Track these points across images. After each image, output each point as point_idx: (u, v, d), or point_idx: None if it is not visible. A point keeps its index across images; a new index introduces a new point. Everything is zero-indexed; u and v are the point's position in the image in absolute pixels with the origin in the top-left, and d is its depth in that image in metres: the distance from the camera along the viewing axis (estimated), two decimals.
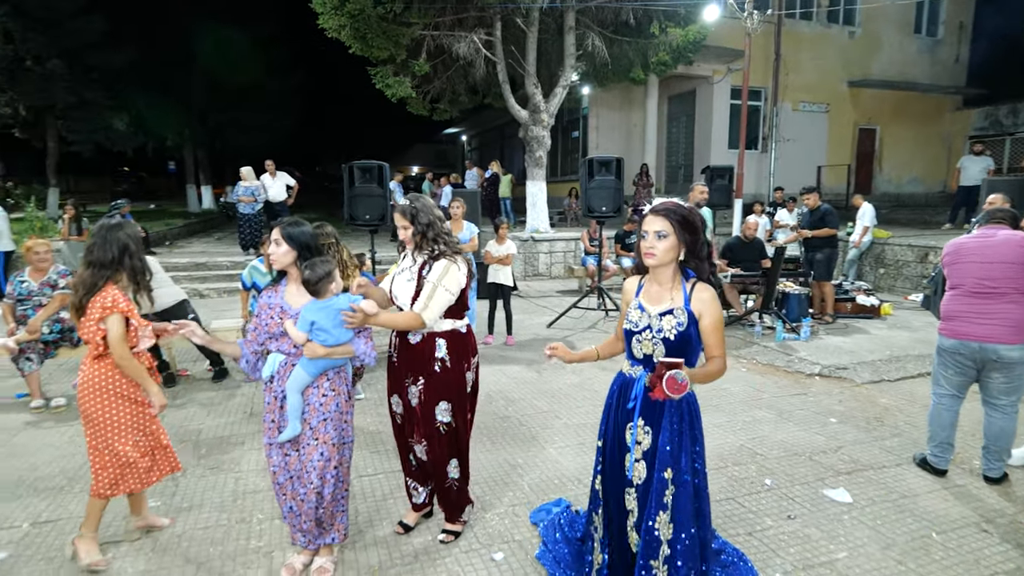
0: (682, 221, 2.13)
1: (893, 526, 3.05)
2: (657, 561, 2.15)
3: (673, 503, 2.16)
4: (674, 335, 2.14)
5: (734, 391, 5.17)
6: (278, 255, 2.55)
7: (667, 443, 2.18)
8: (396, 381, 2.89)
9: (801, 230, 7.72)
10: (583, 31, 11.81)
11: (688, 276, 2.22)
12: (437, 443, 2.81)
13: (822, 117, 17.48)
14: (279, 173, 12.35)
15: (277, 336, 2.56)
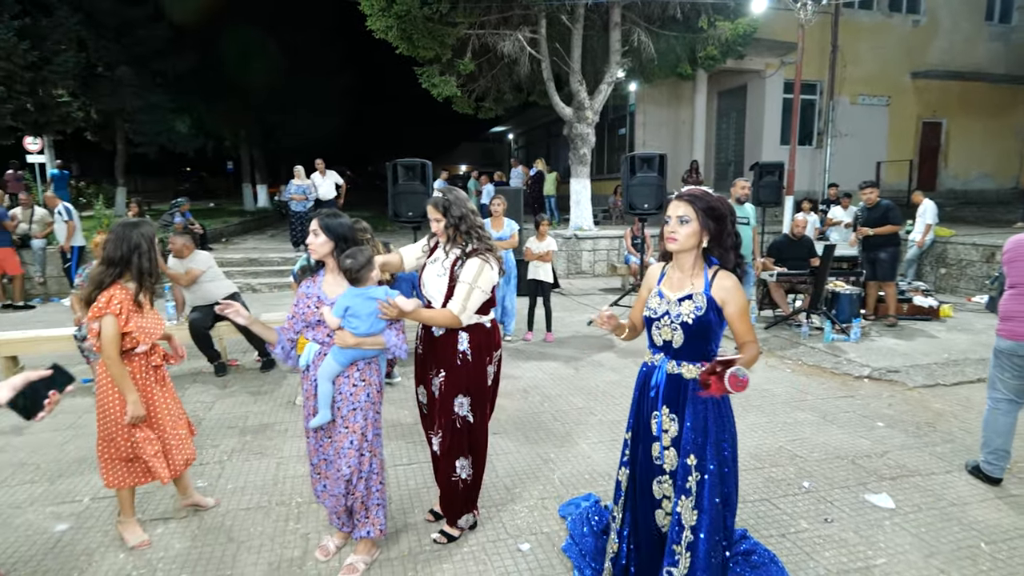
0: (707, 209, 2.12)
1: (938, 534, 2.92)
2: (680, 547, 2.15)
3: (697, 489, 2.14)
4: (692, 319, 2.13)
5: (777, 392, 5.04)
6: (316, 245, 2.63)
7: (691, 430, 2.17)
8: (422, 372, 2.93)
9: (862, 228, 7.21)
10: (629, 27, 11.70)
11: (711, 264, 2.20)
12: (450, 436, 2.80)
13: (882, 110, 16.77)
14: (328, 172, 12.68)
15: (313, 325, 2.62)
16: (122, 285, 2.76)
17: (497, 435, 4.21)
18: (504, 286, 6.75)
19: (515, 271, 6.87)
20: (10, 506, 3.31)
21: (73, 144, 24.84)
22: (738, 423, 4.24)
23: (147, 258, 2.78)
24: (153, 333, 2.88)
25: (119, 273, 2.75)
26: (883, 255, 7.11)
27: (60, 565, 2.77)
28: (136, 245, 2.76)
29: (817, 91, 16.47)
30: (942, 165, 17.54)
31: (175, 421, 3.02)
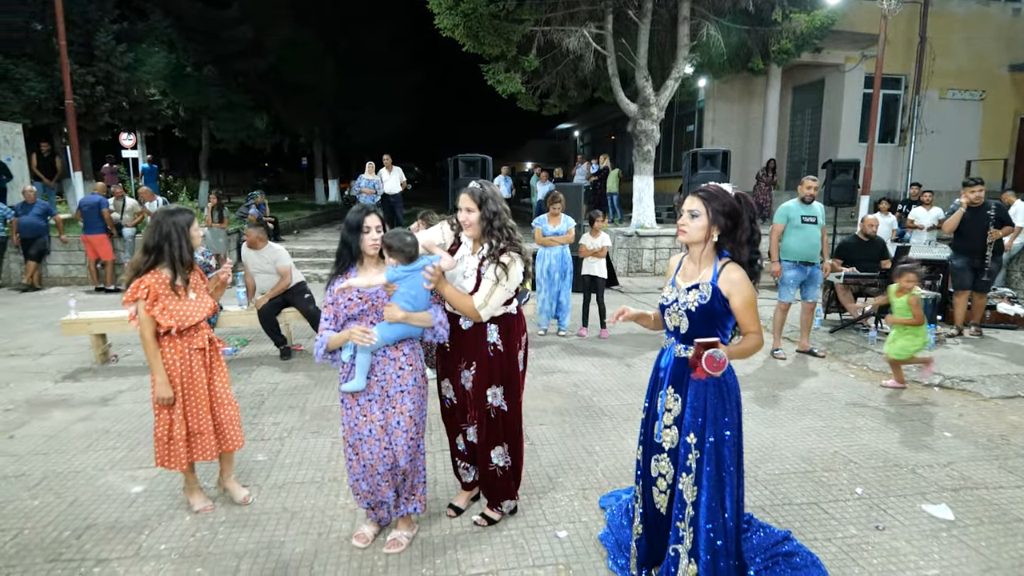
0: (717, 205, 2.21)
1: (1000, 549, 2.77)
2: (683, 523, 2.23)
3: (696, 467, 2.22)
4: (695, 307, 2.21)
5: (837, 396, 4.86)
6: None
7: (690, 409, 2.25)
8: (448, 366, 2.93)
9: (995, 230, 6.31)
10: (698, 20, 11.43)
11: (723, 255, 2.25)
12: (485, 427, 2.86)
13: (975, 106, 15.70)
14: (395, 168, 13.06)
15: (356, 317, 2.65)
16: (157, 271, 2.86)
17: (544, 426, 4.28)
18: (560, 281, 6.79)
19: (571, 267, 6.89)
20: (94, 468, 3.64)
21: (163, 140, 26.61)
22: (792, 426, 4.19)
23: (177, 246, 2.85)
24: (188, 317, 2.92)
25: (154, 260, 2.86)
26: (994, 264, 6.45)
27: (135, 523, 3.03)
28: (167, 234, 2.83)
29: (902, 85, 15.61)
30: None
31: (221, 406, 3.08)
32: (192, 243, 2.93)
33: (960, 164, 15.22)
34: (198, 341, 2.99)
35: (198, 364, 2.99)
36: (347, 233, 2.66)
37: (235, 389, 5.02)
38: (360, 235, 2.64)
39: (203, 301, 3.03)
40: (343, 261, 2.69)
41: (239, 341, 6.46)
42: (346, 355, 2.68)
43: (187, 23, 16.74)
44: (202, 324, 3.04)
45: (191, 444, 3.01)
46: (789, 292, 6.01)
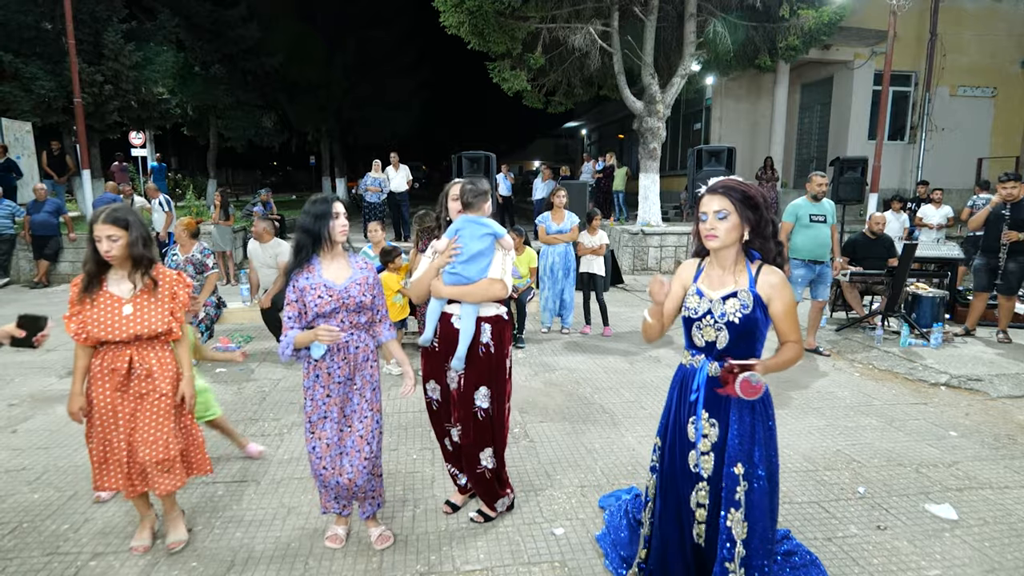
0: (743, 198, 2.01)
1: (1004, 549, 2.73)
2: (733, 564, 2.03)
3: (746, 500, 2.02)
4: (739, 318, 2.01)
5: (841, 396, 4.81)
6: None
7: (736, 436, 2.05)
8: (435, 366, 2.89)
9: (1009, 232, 6.01)
10: (705, 17, 11.37)
11: (753, 258, 2.09)
12: (472, 429, 2.82)
13: (986, 103, 15.51)
14: (401, 166, 13.08)
15: (327, 315, 2.57)
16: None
17: (544, 423, 4.26)
18: (563, 279, 6.76)
19: (575, 264, 6.86)
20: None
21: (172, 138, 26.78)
22: (795, 425, 4.15)
23: (90, 249, 2.51)
24: (102, 330, 2.49)
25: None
26: (1013, 265, 6.05)
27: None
28: (88, 239, 2.55)
29: (912, 82, 15.44)
30: None
31: (143, 444, 2.58)
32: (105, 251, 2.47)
33: (971, 162, 15.05)
34: (117, 361, 2.54)
35: (111, 387, 2.55)
36: (313, 222, 2.56)
37: (236, 387, 5.04)
38: (329, 221, 2.57)
39: (140, 317, 2.54)
40: (305, 252, 2.59)
41: (243, 338, 6.48)
42: (317, 353, 2.58)
43: (195, 22, 16.82)
44: (133, 343, 2.56)
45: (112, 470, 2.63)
46: (797, 291, 5.95)
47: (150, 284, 2.57)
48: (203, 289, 5.45)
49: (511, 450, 3.77)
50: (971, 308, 6.48)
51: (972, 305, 6.46)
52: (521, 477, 3.44)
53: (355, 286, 2.65)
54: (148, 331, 2.54)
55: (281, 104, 20.98)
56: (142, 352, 2.58)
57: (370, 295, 2.69)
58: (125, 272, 2.56)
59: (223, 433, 3.67)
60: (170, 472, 2.64)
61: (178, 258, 5.64)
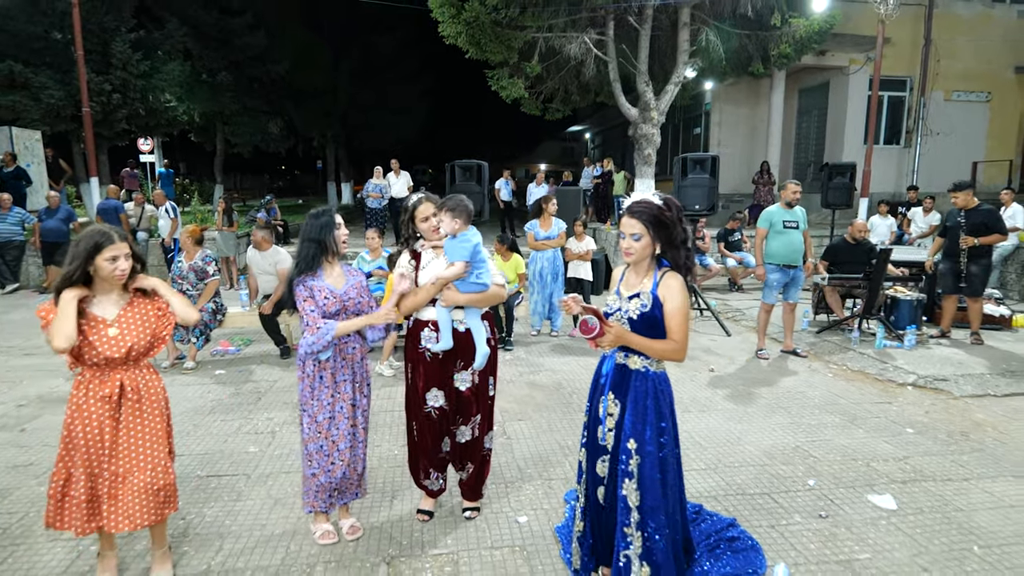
0: (654, 221, 2.29)
1: (932, 536, 2.93)
2: (631, 528, 2.32)
3: (638, 472, 2.31)
4: (637, 315, 2.32)
5: (810, 395, 5.02)
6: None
7: (630, 415, 2.35)
8: (439, 374, 2.97)
9: (966, 238, 6.25)
10: (698, 26, 11.57)
11: (662, 265, 2.36)
12: (487, 418, 3.10)
13: (981, 107, 15.64)
14: (402, 172, 13.36)
15: (333, 315, 2.79)
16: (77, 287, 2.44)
17: (522, 422, 4.50)
18: (552, 283, 6.99)
19: (563, 269, 7.09)
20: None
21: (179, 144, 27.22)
22: (761, 422, 4.36)
23: (82, 269, 2.39)
24: (87, 351, 2.38)
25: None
26: (975, 268, 6.30)
27: None
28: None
29: (907, 87, 15.59)
30: None
31: (127, 472, 2.45)
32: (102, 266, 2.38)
33: (966, 166, 15.16)
34: (106, 387, 2.43)
35: (103, 415, 2.43)
36: (318, 232, 2.77)
37: (234, 387, 5.30)
38: (334, 231, 2.81)
39: (126, 337, 2.43)
40: (315, 260, 2.78)
41: (243, 341, 6.74)
42: (325, 355, 2.80)
43: (202, 30, 17.16)
44: (121, 367, 2.46)
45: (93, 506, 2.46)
46: (772, 294, 6.15)
47: (135, 298, 2.52)
48: (202, 295, 5.71)
49: None
50: (943, 311, 6.66)
51: (944, 308, 6.65)
52: (494, 472, 3.66)
53: (353, 290, 2.91)
54: (136, 350, 2.45)
55: (287, 110, 21.32)
56: (132, 376, 2.48)
57: (365, 298, 2.94)
58: (114, 291, 2.48)
59: None
60: (168, 500, 2.54)
61: (182, 265, 5.92)
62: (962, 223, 6.23)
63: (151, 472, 2.47)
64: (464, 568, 2.74)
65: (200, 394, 5.11)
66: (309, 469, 2.86)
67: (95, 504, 2.45)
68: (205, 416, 4.61)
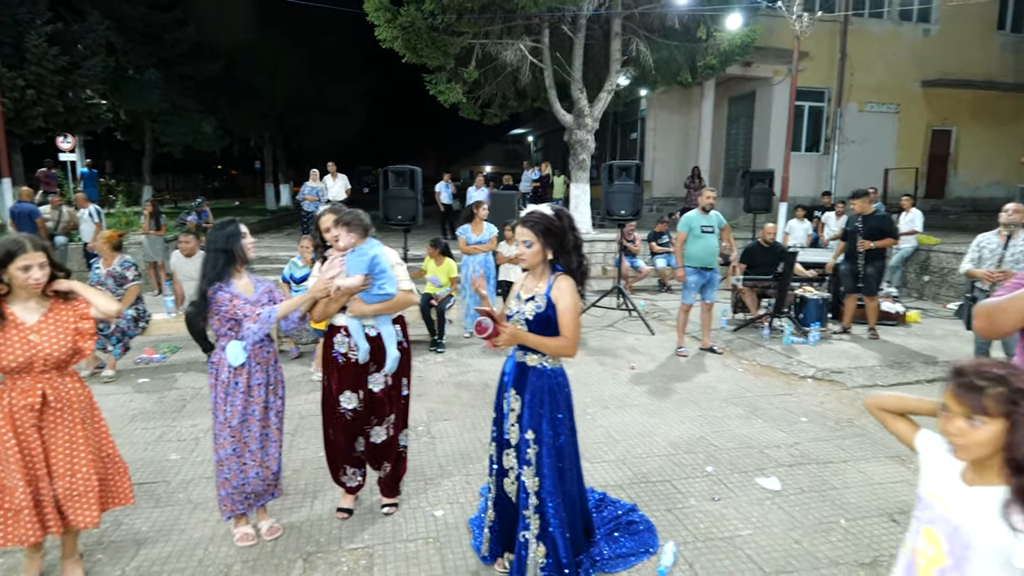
0: (544, 230, 2.48)
1: (807, 512, 3.26)
2: (529, 511, 2.53)
3: (536, 459, 2.52)
4: (532, 316, 2.50)
5: (720, 389, 5.37)
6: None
7: (528, 408, 2.55)
8: (353, 377, 3.08)
9: (864, 241, 6.71)
10: (629, 36, 12.00)
11: (556, 270, 2.56)
12: (401, 417, 3.24)
13: (891, 118, 16.77)
14: (339, 175, 13.28)
15: (238, 320, 2.85)
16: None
17: (447, 421, 4.65)
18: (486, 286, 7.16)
19: (495, 273, 7.29)
20: None
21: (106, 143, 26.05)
22: (671, 415, 4.64)
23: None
24: (8, 356, 2.38)
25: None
26: (871, 269, 6.81)
27: None
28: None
29: (825, 98, 16.54)
30: (951, 172, 17.45)
31: (60, 477, 2.50)
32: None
33: (879, 172, 16.22)
34: (29, 395, 2.43)
35: (27, 424, 2.44)
36: (225, 242, 2.87)
37: (158, 395, 5.24)
38: (240, 240, 2.91)
39: (47, 343, 2.45)
40: (224, 269, 2.87)
41: (169, 348, 6.63)
42: (237, 360, 2.86)
43: (128, 24, 16.54)
44: (44, 374, 2.46)
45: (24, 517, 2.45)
46: (691, 295, 6.51)
47: (55, 303, 2.53)
48: (122, 301, 5.61)
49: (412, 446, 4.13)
50: (844, 309, 7.21)
51: (845, 306, 7.20)
52: (416, 470, 3.80)
53: (264, 296, 3.01)
54: (57, 355, 2.46)
55: (221, 109, 20.76)
56: (54, 383, 2.49)
57: (275, 301, 3.04)
58: (32, 299, 2.48)
59: None
60: (89, 506, 2.54)
61: (100, 271, 5.79)
62: (860, 228, 6.76)
63: (72, 479, 2.51)
64: (379, 560, 2.87)
65: (121, 403, 5.03)
66: (222, 474, 2.93)
67: (40, 509, 2.47)
68: (125, 425, 4.56)
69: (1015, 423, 1.30)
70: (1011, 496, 1.31)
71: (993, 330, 2.11)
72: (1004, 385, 1.30)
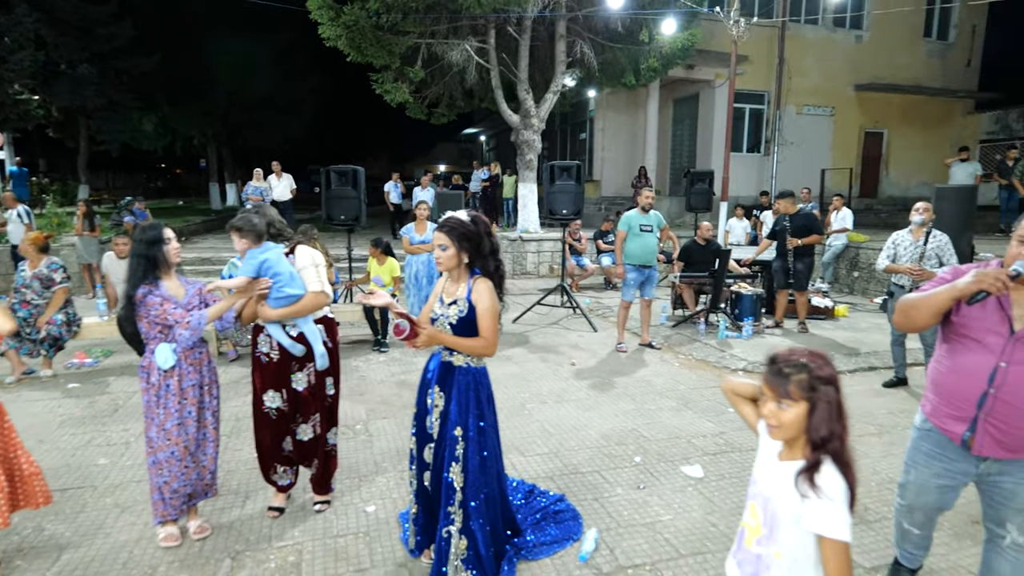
0: (460, 235, 2.55)
1: (725, 496, 3.44)
2: (454, 507, 2.59)
3: (463, 455, 2.59)
4: (456, 320, 2.58)
5: (655, 383, 5.56)
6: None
7: (455, 405, 2.62)
8: (275, 376, 3.13)
9: (792, 239, 7.03)
10: (574, 39, 12.20)
11: (474, 273, 2.64)
12: (326, 416, 3.26)
13: (827, 120, 17.51)
14: (284, 175, 13.07)
15: (169, 324, 2.88)
16: None
17: (386, 419, 4.69)
18: (427, 286, 7.19)
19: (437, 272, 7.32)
20: None
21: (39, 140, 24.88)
22: (607, 409, 4.78)
23: None
24: None
25: None
26: (800, 266, 7.13)
27: None
28: None
29: (765, 101, 17.14)
30: (884, 173, 18.35)
31: None
32: None
33: (816, 173, 16.89)
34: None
35: None
36: (147, 248, 2.87)
37: (89, 400, 5.10)
38: (163, 246, 2.90)
39: None
40: (146, 275, 2.89)
41: (101, 353, 6.44)
42: (167, 364, 2.87)
43: (59, 17, 15.81)
44: None
45: None
46: (630, 292, 6.69)
47: None
48: (50, 304, 5.44)
49: (348, 443, 4.19)
50: (776, 304, 7.53)
51: (777, 301, 7.52)
52: (351, 467, 3.84)
53: (195, 298, 3.02)
54: None
55: (161, 106, 20.10)
56: None
57: (206, 303, 3.04)
58: None
59: None
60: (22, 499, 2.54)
61: (26, 274, 5.59)
62: (787, 226, 7.08)
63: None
64: (307, 556, 2.90)
65: (49, 409, 4.88)
66: (160, 478, 2.91)
67: None
68: (53, 431, 4.44)
69: (814, 406, 1.47)
70: (804, 466, 1.48)
71: (908, 325, 2.29)
72: (806, 372, 1.47)
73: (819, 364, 1.51)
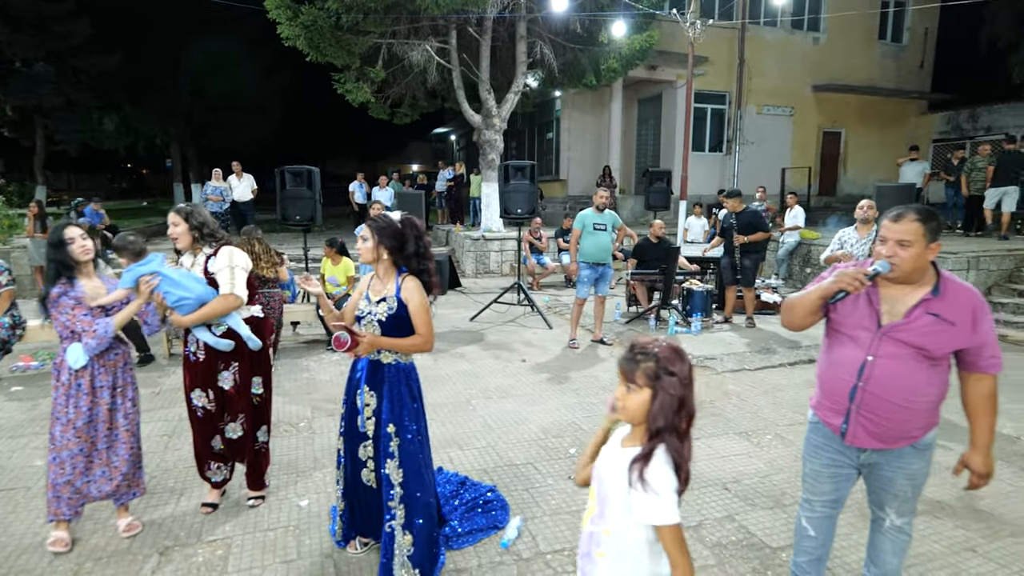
0: (380, 230, 2.63)
1: None
2: (394, 502, 2.64)
3: (399, 451, 2.65)
4: (385, 317, 2.63)
5: (602, 378, 5.69)
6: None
7: (388, 403, 2.67)
8: (202, 375, 3.18)
9: (739, 236, 7.23)
10: (534, 40, 12.32)
11: (401, 271, 2.70)
12: (251, 415, 3.29)
13: (786, 120, 17.89)
14: (245, 175, 12.97)
15: (75, 331, 2.88)
16: None
17: (331, 417, 4.72)
18: None
19: None
20: None
21: None
22: (551, 403, 4.88)
23: None
24: None
25: None
26: (747, 262, 7.33)
27: None
28: None
29: (726, 101, 17.46)
30: (842, 172, 18.82)
31: None
32: None
33: (776, 172, 17.28)
34: None
35: None
36: (53, 253, 2.90)
37: (31, 403, 5.06)
38: (66, 248, 2.90)
39: None
40: (62, 275, 2.90)
41: (48, 355, 6.35)
42: (78, 363, 2.88)
43: (13, 14, 15.50)
44: None
45: None
46: (584, 289, 6.81)
47: None
48: None
49: (289, 440, 4.23)
50: (726, 300, 7.73)
51: (726, 297, 7.72)
52: (290, 463, 3.89)
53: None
54: None
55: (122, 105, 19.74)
56: None
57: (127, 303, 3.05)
58: None
59: None
60: None
61: None
62: (734, 224, 7.28)
63: None
64: (236, 549, 2.95)
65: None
66: (62, 477, 2.91)
67: None
68: None
69: (656, 394, 1.54)
70: (639, 454, 1.53)
71: (791, 324, 2.35)
72: (654, 361, 1.54)
73: (671, 356, 1.54)
